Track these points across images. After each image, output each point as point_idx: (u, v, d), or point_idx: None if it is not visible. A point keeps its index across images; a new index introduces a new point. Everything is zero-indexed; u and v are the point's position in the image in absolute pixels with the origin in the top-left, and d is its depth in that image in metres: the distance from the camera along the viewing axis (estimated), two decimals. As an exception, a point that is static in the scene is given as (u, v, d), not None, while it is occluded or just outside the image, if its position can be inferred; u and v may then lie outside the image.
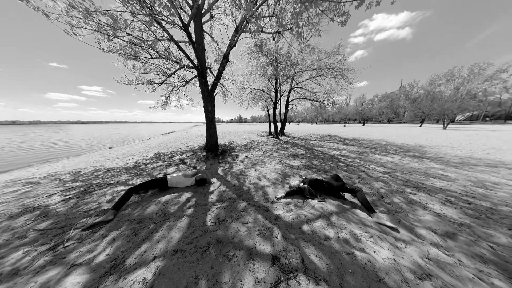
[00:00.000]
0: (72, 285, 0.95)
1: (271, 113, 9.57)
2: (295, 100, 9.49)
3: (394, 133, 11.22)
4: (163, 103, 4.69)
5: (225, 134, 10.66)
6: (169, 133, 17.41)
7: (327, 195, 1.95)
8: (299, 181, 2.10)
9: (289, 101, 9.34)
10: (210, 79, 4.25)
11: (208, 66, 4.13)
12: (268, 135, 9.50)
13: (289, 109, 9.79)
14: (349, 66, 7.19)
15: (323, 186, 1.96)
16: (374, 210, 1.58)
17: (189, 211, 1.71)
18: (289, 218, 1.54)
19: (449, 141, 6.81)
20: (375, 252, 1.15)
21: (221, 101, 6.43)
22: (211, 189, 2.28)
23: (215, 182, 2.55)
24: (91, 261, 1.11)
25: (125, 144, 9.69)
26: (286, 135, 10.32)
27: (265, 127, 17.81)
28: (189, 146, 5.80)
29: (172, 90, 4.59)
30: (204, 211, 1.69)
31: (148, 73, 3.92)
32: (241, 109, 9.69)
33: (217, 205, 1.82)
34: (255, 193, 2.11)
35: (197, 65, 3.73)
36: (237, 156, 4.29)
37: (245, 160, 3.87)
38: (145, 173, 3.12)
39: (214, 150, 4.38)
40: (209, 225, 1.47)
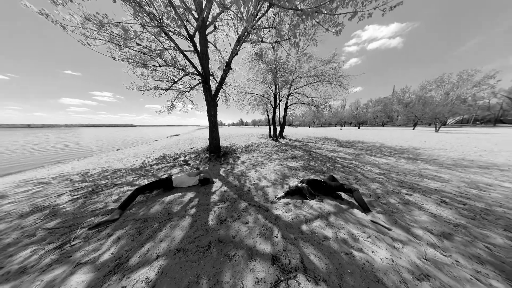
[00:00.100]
0: (77, 283, 0.93)
1: (270, 117, 9.62)
2: (293, 105, 9.56)
3: (388, 135, 11.18)
4: (169, 107, 4.74)
5: (227, 136, 10.68)
6: (174, 135, 17.50)
7: (325, 195, 1.92)
8: (298, 181, 2.08)
9: (288, 105, 9.40)
10: (214, 85, 4.31)
11: (211, 73, 4.20)
12: (268, 138, 9.50)
13: (287, 113, 9.84)
14: (344, 73, 7.29)
15: (321, 186, 1.94)
16: (370, 209, 1.56)
17: (192, 210, 1.69)
18: (288, 218, 1.51)
19: (441, 143, 6.76)
20: (373, 252, 1.11)
21: (223, 105, 6.50)
22: (213, 189, 2.26)
23: (216, 181, 2.54)
24: (96, 259, 1.09)
25: (132, 146, 9.73)
26: (285, 137, 10.32)
27: (265, 130, 17.86)
28: (192, 148, 5.81)
29: (177, 96, 4.65)
30: (206, 211, 1.67)
31: (156, 80, 4.00)
32: (242, 113, 9.78)
33: (219, 205, 1.80)
34: (255, 194, 2.09)
35: (201, 72, 3.80)
36: (238, 158, 4.28)
37: (246, 162, 3.85)
38: (150, 174, 3.11)
39: (216, 152, 4.37)
40: (211, 225, 1.44)
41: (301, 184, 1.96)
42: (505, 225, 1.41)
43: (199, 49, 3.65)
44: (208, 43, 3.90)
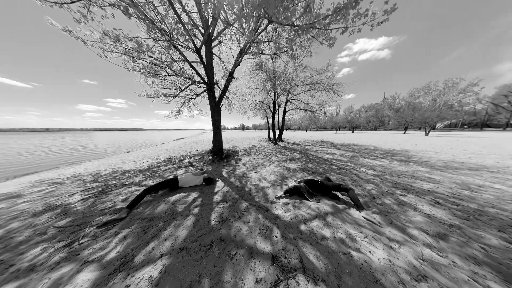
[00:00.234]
0: (83, 281, 0.90)
1: (270, 121, 9.68)
2: (291, 110, 9.65)
3: (381, 139, 11.11)
4: (176, 113, 4.81)
5: (230, 140, 10.71)
6: (180, 139, 17.58)
7: (322, 195, 1.89)
8: (296, 182, 2.05)
9: (286, 111, 9.49)
10: (217, 93, 4.38)
11: (215, 82, 4.29)
12: (268, 141, 9.51)
13: (286, 118, 9.90)
14: (337, 81, 7.42)
15: (318, 186, 1.91)
16: (364, 207, 1.56)
17: (195, 210, 1.66)
18: (287, 218, 1.48)
19: (432, 146, 6.68)
20: (370, 252, 1.07)
21: (226, 111, 6.57)
22: (216, 189, 2.23)
23: (219, 182, 2.52)
24: (102, 258, 1.06)
25: (141, 148, 9.78)
26: (283, 141, 10.32)
27: (265, 134, 17.88)
28: (197, 151, 5.81)
29: (184, 102, 4.74)
30: (209, 210, 1.64)
31: (165, 88, 4.10)
32: (243, 118, 9.87)
33: (221, 204, 1.77)
34: (256, 194, 2.05)
35: (206, 81, 3.88)
36: (239, 160, 4.26)
37: (247, 163, 3.83)
38: (157, 174, 3.10)
39: (219, 154, 4.36)
40: (213, 224, 1.41)
41: (299, 183, 1.94)
42: (499, 225, 1.36)
43: (205, 60, 3.75)
44: (213, 55, 4.02)
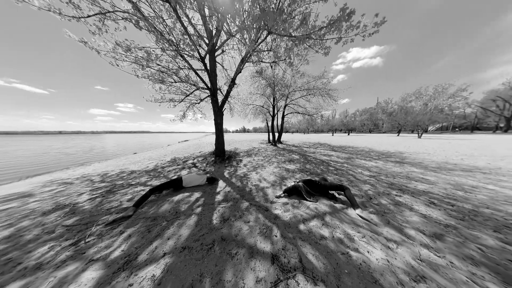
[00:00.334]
0: (87, 280, 0.88)
1: (269, 124, 9.72)
2: (289, 114, 9.69)
3: (376, 141, 11.06)
4: (181, 116, 4.86)
5: (231, 142, 10.71)
6: (184, 141, 17.64)
7: (320, 195, 1.86)
8: (295, 182, 2.03)
9: (285, 114, 9.54)
10: (220, 98, 4.44)
11: (218, 88, 4.35)
12: (267, 143, 9.49)
13: (284, 121, 9.95)
14: (333, 87, 7.48)
15: (316, 185, 1.89)
16: (359, 206, 1.57)
17: (198, 209, 1.63)
18: (287, 217, 1.45)
19: (424, 148, 6.62)
20: (368, 252, 1.03)
21: (228, 115, 6.61)
22: (218, 189, 2.21)
23: (220, 180, 2.51)
24: (107, 256, 1.03)
25: (147, 150, 9.80)
26: (282, 143, 10.30)
27: (264, 136, 17.91)
28: (200, 152, 5.81)
29: (189, 106, 4.79)
30: (211, 210, 1.61)
31: (171, 93, 4.16)
32: (244, 121, 9.91)
33: (223, 204, 1.74)
34: (256, 194, 2.03)
35: (210, 87, 3.94)
36: (240, 161, 4.24)
37: (247, 164, 3.81)
38: (162, 175, 3.08)
39: (221, 156, 4.36)
40: (215, 223, 1.38)
41: (297, 183, 1.92)
42: (494, 226, 1.32)
43: (209, 68, 3.83)
44: (217, 63, 4.10)
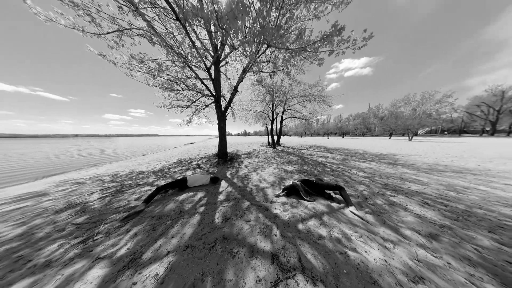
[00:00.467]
0: (93, 278, 0.84)
1: (269, 128, 9.78)
2: (287, 118, 9.78)
3: (369, 144, 10.97)
4: (188, 121, 4.94)
5: (233, 144, 10.72)
6: (190, 143, 17.69)
7: (317, 195, 1.82)
8: (292, 181, 2.00)
9: (283, 119, 9.63)
10: (223, 104, 4.51)
11: (222, 95, 4.43)
12: (267, 146, 9.48)
13: (283, 125, 10.03)
14: (327, 94, 7.65)
15: (314, 185, 1.86)
16: (353, 204, 1.57)
17: (201, 209, 1.60)
18: (286, 217, 1.41)
19: (415, 150, 6.54)
20: (366, 252, 0.99)
21: (231, 119, 6.68)
22: (220, 189, 2.18)
23: (222, 180, 2.49)
24: (113, 254, 1.00)
25: (155, 152, 9.83)
26: (281, 145, 10.29)
27: (264, 139, 17.92)
28: (204, 154, 5.81)
29: (195, 112, 4.88)
30: (213, 209, 1.58)
31: (179, 100, 4.27)
32: (246, 125, 10.01)
33: (225, 204, 1.71)
34: (256, 194, 1.99)
35: (214, 94, 4.03)
36: (242, 162, 4.21)
37: (248, 166, 3.78)
38: (168, 175, 3.07)
39: (224, 157, 4.35)
40: (217, 222, 1.35)
41: (295, 182, 1.89)
42: (488, 226, 1.26)
43: (213, 77, 3.94)
44: (221, 73, 4.22)
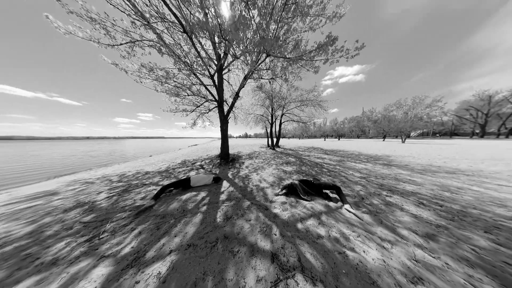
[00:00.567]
0: (97, 276, 0.82)
1: (268, 131, 9.82)
2: (286, 122, 9.87)
3: (364, 146, 10.91)
4: (192, 124, 4.99)
5: (235, 146, 10.73)
6: (194, 145, 17.74)
7: (315, 194, 1.79)
8: (291, 181, 1.98)
9: (282, 122, 9.71)
10: (226, 108, 4.57)
11: (224, 100, 4.50)
12: (267, 147, 9.48)
13: (281, 128, 10.08)
14: (323, 99, 7.76)
15: (312, 185, 1.83)
16: (348, 202, 1.56)
17: (203, 208, 1.57)
18: (285, 216, 1.37)
19: (409, 152, 6.47)
20: (364, 252, 0.95)
21: (233, 122, 6.75)
22: (222, 189, 2.15)
23: (224, 180, 2.47)
24: (117, 253, 0.98)
25: (161, 153, 9.85)
26: (280, 147, 10.28)
27: (264, 141, 17.95)
28: (207, 155, 5.80)
29: (199, 116, 4.94)
30: (215, 209, 1.55)
31: (184, 105, 4.33)
32: (247, 128, 10.08)
33: (226, 203, 1.68)
34: (256, 194, 1.96)
35: (217, 99, 4.10)
36: (243, 163, 4.19)
37: (249, 166, 3.75)
38: (172, 176, 3.05)
39: (226, 158, 4.34)
40: (219, 222, 1.32)
41: (294, 181, 1.87)
42: (484, 226, 1.21)
43: (217, 84, 4.02)
44: (223, 79, 4.32)
